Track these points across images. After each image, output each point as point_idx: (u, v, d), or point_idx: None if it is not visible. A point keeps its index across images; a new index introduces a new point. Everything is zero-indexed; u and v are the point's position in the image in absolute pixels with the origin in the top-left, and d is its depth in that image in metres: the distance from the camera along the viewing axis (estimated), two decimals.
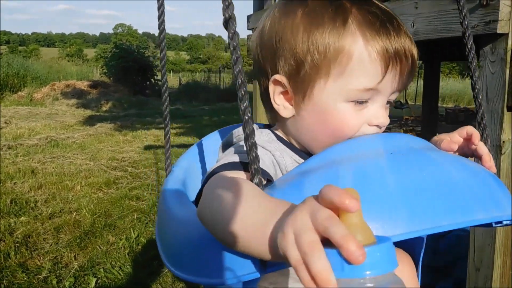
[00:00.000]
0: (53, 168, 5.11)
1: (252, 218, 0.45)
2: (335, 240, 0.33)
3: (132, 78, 15.63)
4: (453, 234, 2.84)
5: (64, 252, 2.90)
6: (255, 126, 0.72)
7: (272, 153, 0.64)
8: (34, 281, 2.54)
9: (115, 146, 6.58)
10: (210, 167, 0.65)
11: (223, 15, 0.54)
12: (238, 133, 0.70)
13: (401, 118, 8.94)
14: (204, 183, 0.59)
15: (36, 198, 4.00)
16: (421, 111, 9.09)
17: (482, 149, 0.66)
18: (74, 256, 2.87)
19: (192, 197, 0.79)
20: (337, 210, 0.36)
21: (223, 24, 0.55)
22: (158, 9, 0.88)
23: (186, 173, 0.94)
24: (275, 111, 0.67)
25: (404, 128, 7.17)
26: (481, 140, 0.71)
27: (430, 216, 0.50)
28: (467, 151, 0.68)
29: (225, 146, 0.72)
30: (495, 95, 1.11)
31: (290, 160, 0.65)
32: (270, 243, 0.42)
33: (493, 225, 0.61)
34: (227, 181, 0.55)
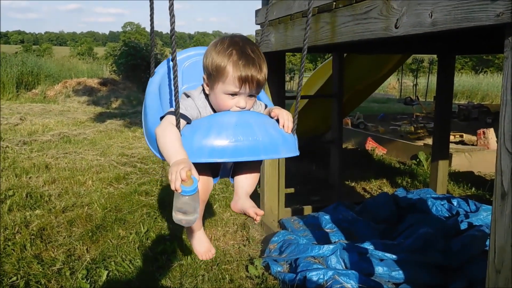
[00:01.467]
0: (65, 163, 5.18)
1: (168, 152, 1.11)
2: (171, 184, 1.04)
3: (140, 76, 15.67)
4: (467, 234, 2.74)
5: (76, 245, 2.94)
6: (198, 92, 1.31)
7: (198, 109, 1.26)
8: (49, 272, 2.58)
9: (125, 142, 6.64)
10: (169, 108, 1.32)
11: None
12: (189, 92, 1.32)
13: (411, 115, 8.82)
14: (163, 116, 1.21)
15: (50, 192, 4.06)
16: (431, 107, 8.93)
17: (282, 118, 1.26)
18: (86, 249, 2.91)
19: (162, 98, 1.46)
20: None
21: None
22: (150, 8, 1.42)
23: (161, 79, 1.52)
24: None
25: (415, 125, 7.07)
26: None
27: (236, 153, 1.13)
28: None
29: (185, 95, 1.32)
30: None
31: (208, 112, 1.27)
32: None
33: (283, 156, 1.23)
34: (169, 124, 1.16)
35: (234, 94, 1.20)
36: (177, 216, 1.12)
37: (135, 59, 15.73)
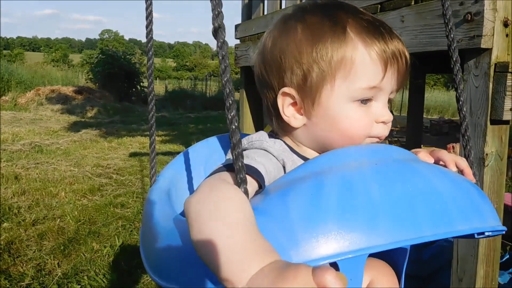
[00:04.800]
0: (37, 174, 5.03)
1: (235, 250, 0.46)
2: None
3: (118, 85, 15.49)
4: (436, 244, 2.89)
5: (47, 259, 2.85)
6: (265, 135, 0.73)
7: (284, 164, 0.67)
8: None
9: (100, 153, 6.51)
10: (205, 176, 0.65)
11: (213, 24, 0.55)
12: (247, 140, 0.72)
13: None
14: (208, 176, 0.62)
15: (19, 204, 3.92)
16: (406, 122, 9.19)
17: (461, 163, 0.70)
18: (58, 263, 2.82)
19: (177, 208, 0.78)
20: None
21: (212, 33, 0.56)
22: (146, 18, 0.89)
23: (170, 184, 0.92)
24: (285, 123, 0.71)
25: (389, 139, 7.25)
26: (464, 151, 0.78)
27: (412, 226, 0.52)
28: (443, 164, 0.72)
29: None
30: (479, 109, 1.13)
31: (297, 162, 0.68)
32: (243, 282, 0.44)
33: (475, 236, 0.63)
34: (225, 184, 0.56)
35: (366, 100, 0.67)
36: None
37: (112, 68, 15.54)
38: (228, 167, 0.60)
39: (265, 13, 2.92)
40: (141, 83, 16.30)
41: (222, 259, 0.46)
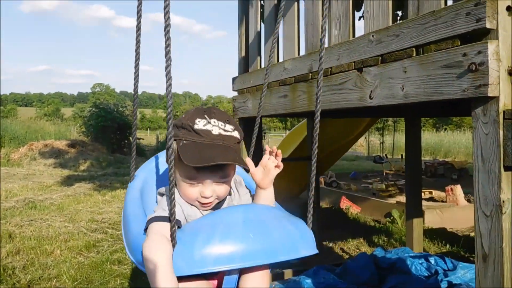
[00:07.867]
0: (31, 231, 4.89)
1: (160, 283, 0.90)
2: None
3: (110, 137, 15.57)
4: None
5: None
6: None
7: (182, 207, 1.08)
8: None
9: (94, 207, 6.40)
10: (151, 211, 1.10)
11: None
12: (166, 189, 1.12)
13: (381, 172, 9.07)
14: (146, 226, 1.02)
15: (14, 265, 3.78)
16: (399, 165, 9.22)
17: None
18: None
19: (147, 203, 1.25)
20: None
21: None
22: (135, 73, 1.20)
23: (143, 183, 1.36)
24: None
25: (386, 183, 7.24)
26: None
27: (248, 257, 0.94)
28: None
29: (160, 195, 1.15)
30: (491, 155, 1.14)
31: (192, 211, 1.10)
32: None
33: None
34: (160, 238, 0.96)
35: (193, 183, 1.07)
36: None
37: (105, 121, 15.67)
38: (158, 219, 1.01)
39: (262, 66, 3.01)
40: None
41: (152, 280, 0.91)
